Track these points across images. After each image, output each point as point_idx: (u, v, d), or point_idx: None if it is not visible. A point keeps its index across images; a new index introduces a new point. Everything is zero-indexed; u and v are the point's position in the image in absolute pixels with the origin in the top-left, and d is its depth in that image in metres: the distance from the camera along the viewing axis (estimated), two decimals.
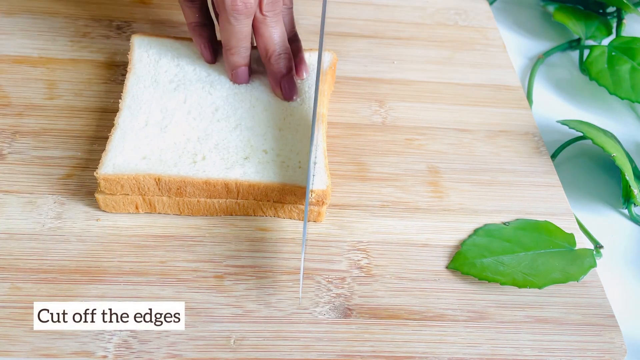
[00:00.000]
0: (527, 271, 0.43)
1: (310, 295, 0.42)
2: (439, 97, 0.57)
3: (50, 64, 0.55)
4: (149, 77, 0.50)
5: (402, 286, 0.43)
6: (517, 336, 0.41)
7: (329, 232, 0.46)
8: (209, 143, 0.46)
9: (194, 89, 0.50)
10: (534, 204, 0.49)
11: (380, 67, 0.59)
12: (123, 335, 0.39)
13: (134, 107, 0.47)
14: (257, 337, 0.39)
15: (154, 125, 0.46)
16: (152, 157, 0.44)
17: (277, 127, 0.48)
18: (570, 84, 0.64)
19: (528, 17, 0.72)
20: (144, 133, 0.46)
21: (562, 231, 0.47)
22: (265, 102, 0.50)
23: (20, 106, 0.51)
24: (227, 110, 0.49)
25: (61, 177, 0.46)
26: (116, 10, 0.61)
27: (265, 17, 0.47)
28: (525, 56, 0.67)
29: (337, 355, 0.39)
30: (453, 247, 0.46)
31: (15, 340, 0.38)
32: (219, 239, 0.44)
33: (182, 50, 0.53)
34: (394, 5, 0.67)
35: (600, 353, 0.41)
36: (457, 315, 0.42)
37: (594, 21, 0.67)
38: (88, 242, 0.43)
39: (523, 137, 0.55)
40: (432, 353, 0.40)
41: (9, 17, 0.59)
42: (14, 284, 0.40)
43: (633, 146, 0.58)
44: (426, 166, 0.51)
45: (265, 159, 0.45)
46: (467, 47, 0.63)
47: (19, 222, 0.43)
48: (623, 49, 0.61)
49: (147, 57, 0.52)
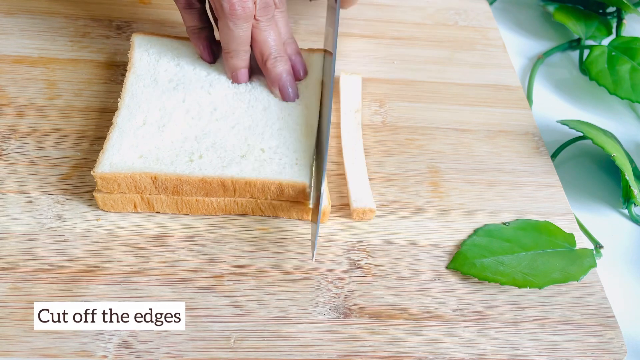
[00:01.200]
0: (527, 271, 0.43)
1: (310, 295, 0.42)
2: (439, 97, 0.57)
3: (50, 64, 0.55)
4: (148, 76, 0.50)
5: (402, 286, 0.43)
6: (517, 336, 0.41)
7: (329, 232, 0.45)
8: (206, 142, 0.46)
9: (193, 89, 0.50)
10: (534, 204, 0.49)
11: (380, 67, 0.59)
12: (123, 335, 0.38)
13: (132, 106, 0.47)
14: (257, 337, 0.39)
15: (151, 124, 0.46)
16: (149, 156, 0.44)
17: (275, 126, 0.48)
18: (570, 84, 0.64)
19: (528, 17, 0.72)
20: (141, 132, 0.46)
21: (562, 231, 0.47)
22: (265, 101, 0.50)
23: (20, 106, 0.51)
24: (226, 110, 0.49)
25: (61, 177, 0.46)
26: (116, 10, 0.61)
27: (258, 22, 0.48)
28: (525, 56, 0.67)
29: (337, 355, 0.39)
30: (453, 247, 0.46)
31: (15, 340, 0.38)
32: (219, 239, 0.44)
33: (183, 49, 0.53)
34: (394, 5, 0.67)
35: (600, 353, 0.41)
36: (457, 315, 0.42)
37: (594, 21, 0.67)
38: (88, 242, 0.43)
39: (523, 137, 0.55)
40: (432, 353, 0.40)
41: (9, 17, 0.59)
42: (14, 284, 0.40)
43: (633, 146, 0.58)
44: (426, 166, 0.51)
45: (263, 157, 0.45)
46: (467, 47, 0.63)
47: (18, 222, 0.43)
48: (623, 49, 0.61)
49: (147, 56, 0.52)
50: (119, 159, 0.44)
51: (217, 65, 0.52)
